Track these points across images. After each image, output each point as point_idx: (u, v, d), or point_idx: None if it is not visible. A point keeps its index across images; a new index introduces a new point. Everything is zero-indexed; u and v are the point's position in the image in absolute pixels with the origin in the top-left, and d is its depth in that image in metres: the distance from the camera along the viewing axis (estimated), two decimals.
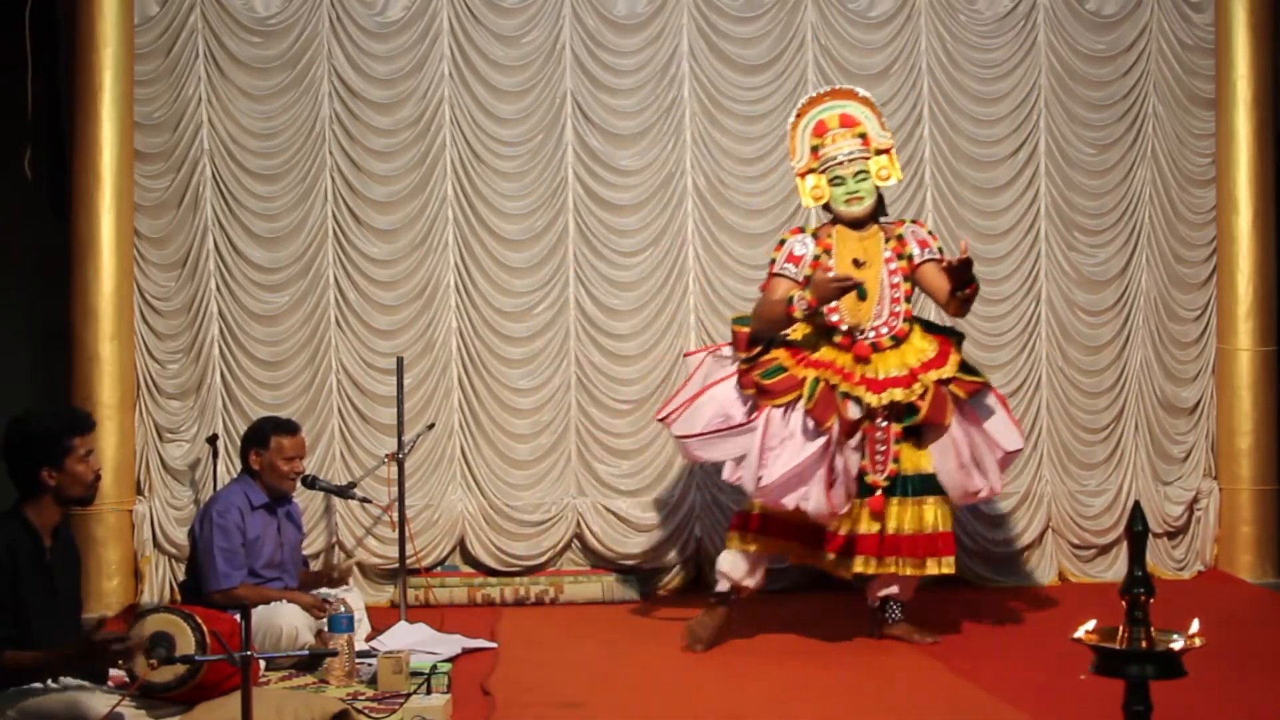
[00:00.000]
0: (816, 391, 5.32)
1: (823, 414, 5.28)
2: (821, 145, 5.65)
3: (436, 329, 6.70)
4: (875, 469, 5.42)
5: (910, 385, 5.42)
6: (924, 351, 5.52)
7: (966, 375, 5.54)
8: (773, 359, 5.47)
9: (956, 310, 5.60)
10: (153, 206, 6.59)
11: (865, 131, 5.66)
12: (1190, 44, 6.96)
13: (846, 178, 5.59)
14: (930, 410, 5.39)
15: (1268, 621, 6.14)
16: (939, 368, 5.47)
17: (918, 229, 5.73)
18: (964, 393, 5.45)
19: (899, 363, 5.48)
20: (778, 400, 5.36)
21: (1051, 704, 4.63)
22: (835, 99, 5.76)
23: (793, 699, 4.82)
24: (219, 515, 5.28)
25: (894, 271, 5.60)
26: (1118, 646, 2.88)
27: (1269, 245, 6.97)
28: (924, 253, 5.64)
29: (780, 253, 5.66)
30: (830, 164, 5.62)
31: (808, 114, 5.73)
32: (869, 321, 5.52)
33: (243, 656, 3.34)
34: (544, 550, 6.69)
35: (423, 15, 6.67)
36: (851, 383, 5.39)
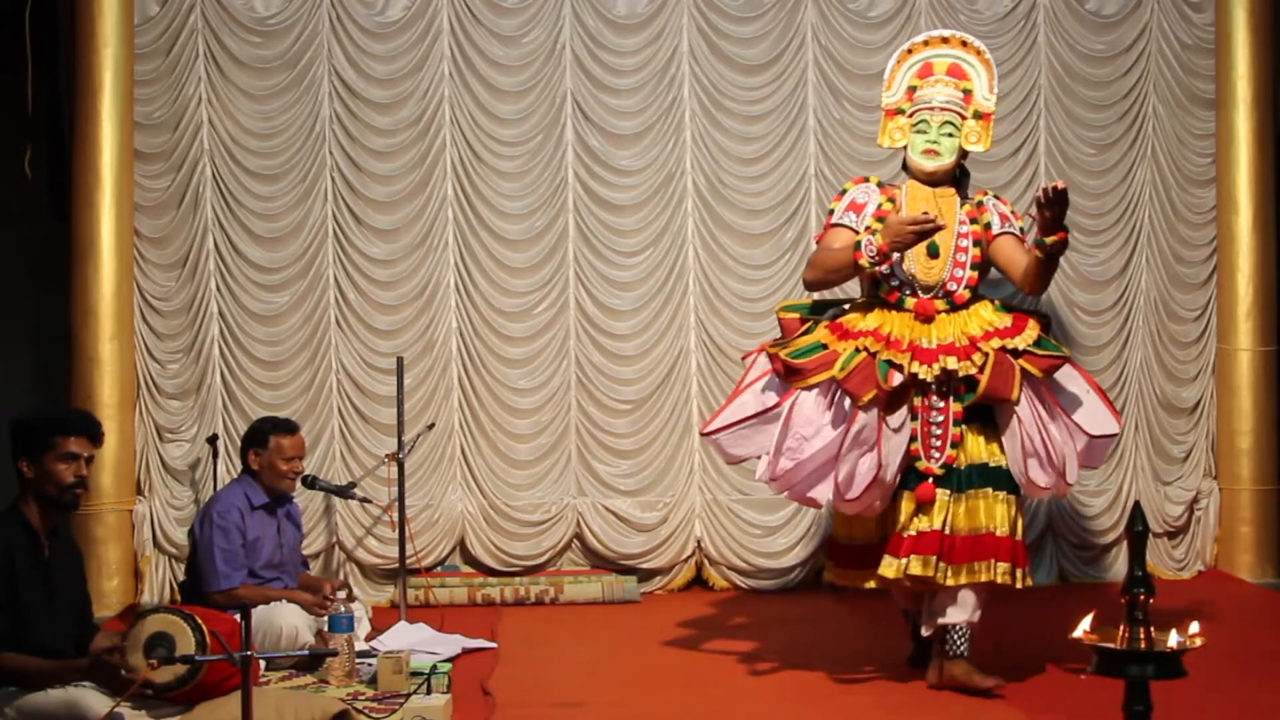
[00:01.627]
0: (853, 362, 4.66)
1: (859, 387, 4.60)
2: (920, 87, 5.05)
3: (436, 329, 6.70)
4: (929, 454, 4.71)
5: (969, 355, 4.70)
6: (991, 322, 4.81)
7: (1043, 350, 4.78)
8: (811, 338, 4.83)
9: (1036, 281, 4.82)
10: (153, 206, 6.59)
11: (971, 88, 5.05)
12: (1190, 44, 6.96)
13: (931, 126, 4.96)
14: (992, 381, 4.64)
15: (1268, 621, 6.14)
16: (1007, 337, 4.74)
17: (999, 203, 5.09)
18: (1037, 369, 4.71)
19: (957, 330, 4.78)
20: (809, 380, 4.68)
21: (1051, 704, 4.62)
22: (951, 47, 5.14)
23: (792, 699, 4.82)
24: (219, 516, 5.28)
25: (964, 235, 4.92)
26: (1118, 646, 2.89)
27: (1269, 245, 6.97)
28: (1004, 225, 4.98)
29: (840, 202, 5.05)
30: (921, 107, 5.00)
31: (919, 52, 5.14)
32: (941, 279, 4.86)
33: (243, 656, 3.34)
34: (544, 550, 6.69)
35: (423, 15, 6.67)
36: (897, 350, 4.70)
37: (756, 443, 4.80)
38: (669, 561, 6.72)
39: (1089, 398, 4.86)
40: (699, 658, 5.43)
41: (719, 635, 5.82)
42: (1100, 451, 4.99)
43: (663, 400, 6.72)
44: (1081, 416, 4.80)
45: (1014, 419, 4.71)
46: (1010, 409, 4.71)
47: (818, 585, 6.54)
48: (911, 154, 5.00)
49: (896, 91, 5.12)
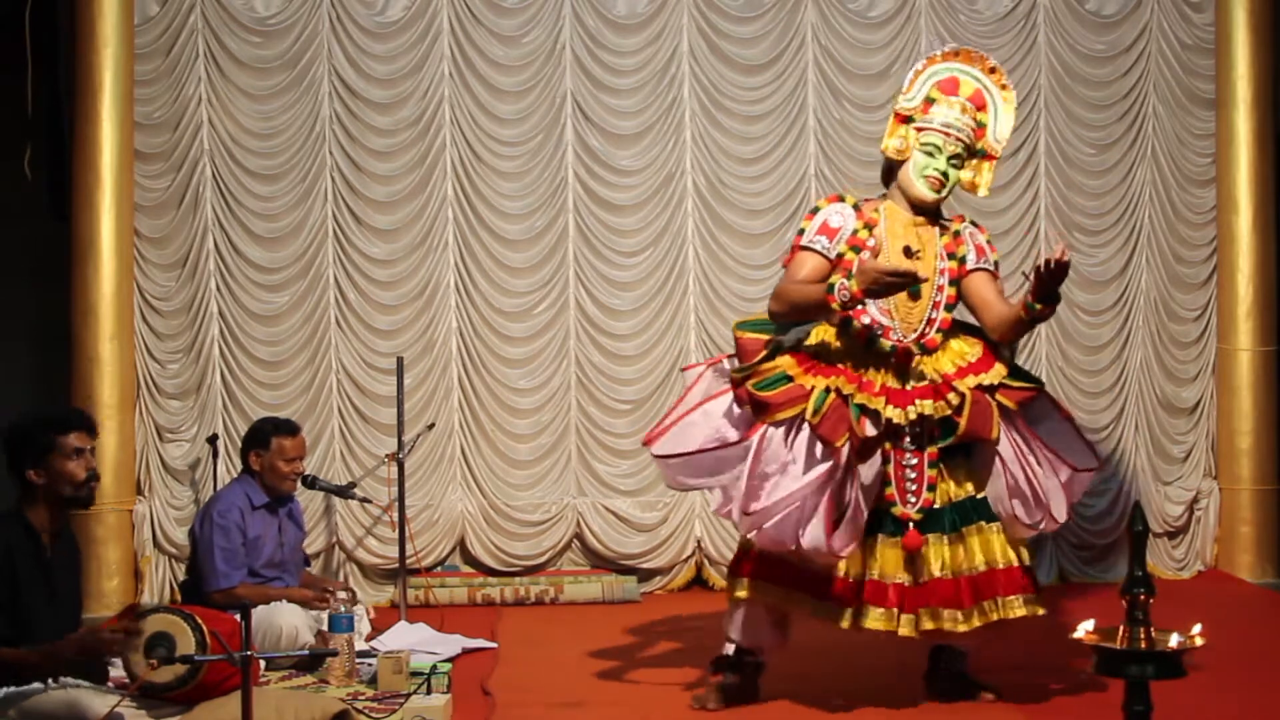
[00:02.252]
0: (825, 404, 4.39)
1: (832, 430, 4.35)
2: (938, 102, 4.68)
3: (436, 329, 6.70)
4: (904, 499, 4.48)
5: (944, 395, 4.48)
6: (963, 355, 4.59)
7: (1016, 382, 4.57)
8: (775, 367, 4.53)
9: (1011, 335, 4.59)
10: (153, 206, 6.59)
11: (986, 123, 4.73)
12: (1190, 44, 6.95)
13: (941, 153, 4.62)
14: (971, 421, 4.43)
15: (1268, 621, 6.14)
16: (980, 373, 4.53)
17: (977, 233, 4.79)
18: (1012, 402, 4.51)
19: (931, 369, 4.55)
20: (778, 416, 4.41)
21: (1051, 704, 4.62)
22: (980, 69, 4.75)
23: (791, 699, 4.81)
24: (219, 515, 5.29)
25: (942, 271, 4.65)
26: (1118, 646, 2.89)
27: (1269, 245, 6.97)
28: (979, 260, 4.69)
29: (811, 222, 4.68)
30: (935, 128, 4.64)
31: (948, 62, 4.75)
32: (919, 325, 4.59)
33: (243, 656, 3.34)
34: (544, 550, 6.69)
35: (423, 15, 6.67)
36: (870, 393, 4.45)
37: (710, 475, 4.53)
38: (669, 561, 6.72)
39: (1069, 430, 4.68)
40: (699, 658, 5.42)
41: (719, 635, 5.80)
42: (1082, 486, 4.73)
43: (663, 400, 6.71)
44: (1063, 450, 4.60)
45: (996, 459, 4.52)
46: (991, 448, 4.52)
47: None
48: (911, 174, 4.66)
49: (915, 97, 4.71)
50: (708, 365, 4.87)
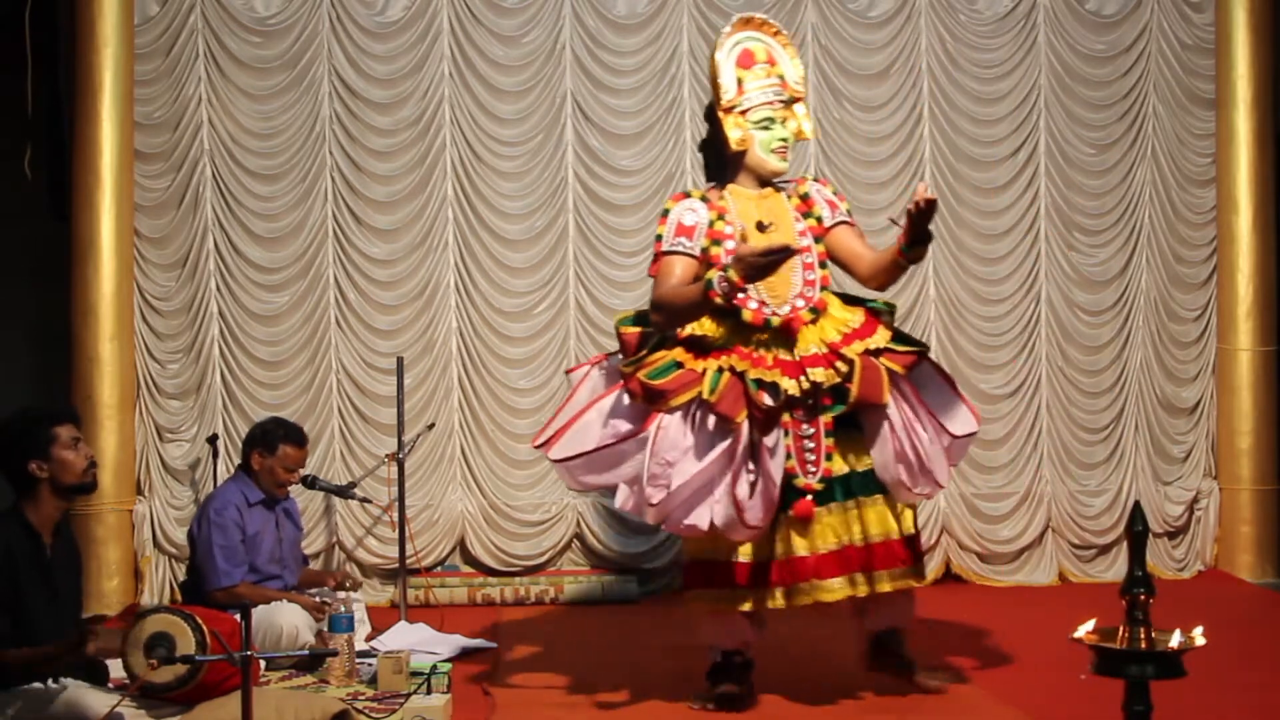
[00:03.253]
0: (721, 383, 4.36)
1: (731, 407, 4.32)
2: (746, 79, 4.66)
3: (436, 329, 6.70)
4: (805, 469, 4.46)
5: (833, 364, 4.47)
6: (845, 322, 4.59)
7: (900, 346, 4.58)
8: (664, 356, 4.50)
9: (888, 280, 4.65)
10: (153, 206, 6.59)
11: (782, 74, 4.71)
12: (1190, 44, 6.96)
13: (776, 122, 4.64)
14: (863, 387, 4.42)
15: (1268, 621, 6.14)
16: (865, 338, 4.54)
17: (822, 188, 4.82)
18: (900, 366, 4.51)
19: (817, 340, 4.53)
20: (674, 402, 4.37)
21: (1051, 704, 4.62)
22: (757, 29, 4.76)
23: (791, 699, 4.81)
24: (216, 514, 5.28)
25: (803, 233, 4.65)
26: (1118, 646, 2.89)
27: (1269, 245, 6.97)
28: (834, 215, 4.73)
29: (666, 226, 4.65)
30: (760, 103, 4.66)
31: (727, 41, 4.72)
32: (790, 297, 4.58)
33: (243, 656, 3.34)
34: (544, 550, 6.69)
35: (423, 15, 6.67)
36: (764, 367, 4.44)
37: (614, 471, 4.45)
38: (669, 562, 6.72)
39: (950, 395, 4.67)
40: (699, 658, 5.42)
41: None
42: (962, 451, 4.77)
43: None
44: (945, 416, 4.60)
45: (884, 424, 4.50)
46: (881, 414, 4.50)
47: None
48: (759, 152, 4.65)
49: (729, 88, 4.67)
50: (592, 365, 4.89)
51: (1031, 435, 6.89)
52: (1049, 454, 6.90)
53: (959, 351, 6.86)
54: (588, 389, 4.75)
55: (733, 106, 4.66)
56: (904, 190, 6.81)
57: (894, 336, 4.62)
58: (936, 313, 6.85)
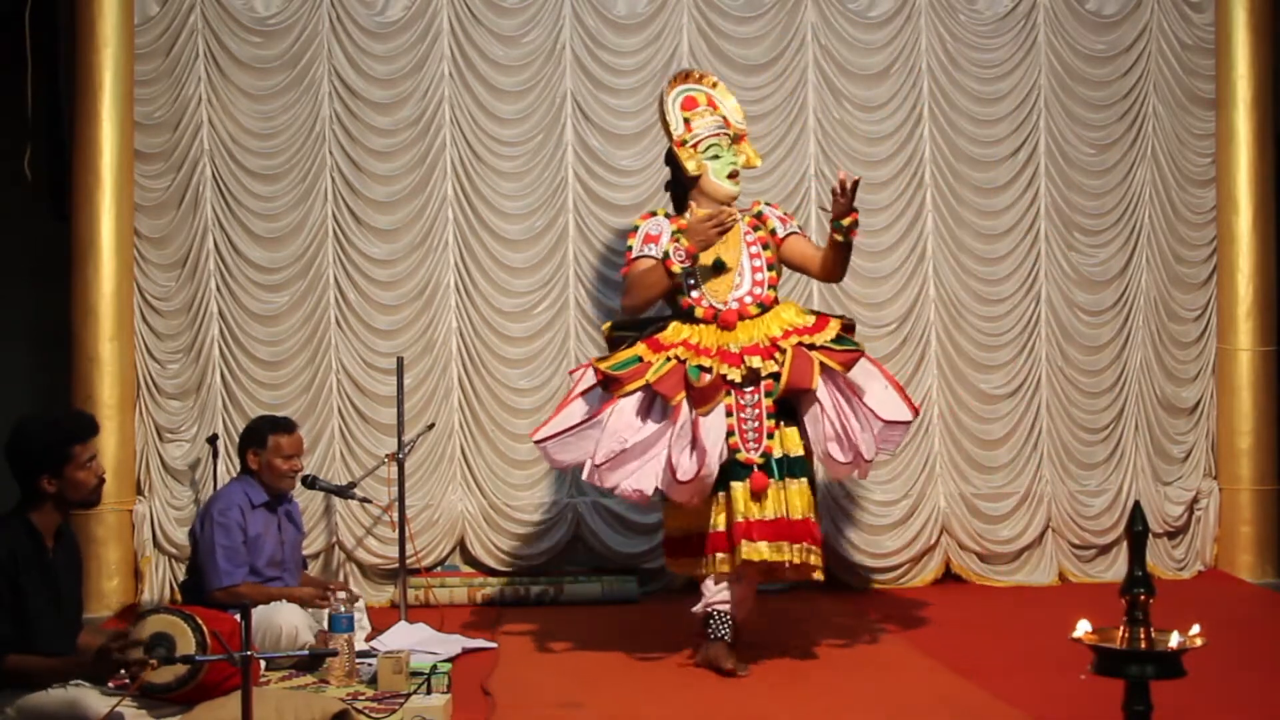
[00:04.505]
0: (664, 369, 5.08)
1: (670, 390, 5.01)
2: (693, 118, 5.46)
3: (436, 329, 6.70)
4: (746, 445, 5.10)
5: (772, 355, 5.14)
6: (792, 322, 5.26)
7: (841, 346, 5.20)
8: (630, 352, 5.22)
9: (836, 266, 5.31)
10: (153, 206, 6.59)
11: (724, 114, 5.51)
12: (1190, 44, 6.96)
13: (724, 152, 5.41)
14: (792, 375, 5.06)
15: (1268, 621, 6.14)
16: (806, 334, 5.20)
17: (773, 210, 5.57)
18: (836, 362, 5.13)
19: (761, 333, 5.22)
20: (627, 388, 5.08)
21: (1051, 704, 4.63)
22: (694, 81, 5.61)
23: (792, 698, 4.82)
24: (219, 514, 5.29)
25: (752, 243, 5.39)
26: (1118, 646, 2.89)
27: (1269, 245, 6.97)
28: (786, 227, 5.48)
29: (635, 239, 5.43)
30: (709, 135, 5.42)
31: (674, 89, 5.55)
32: (730, 294, 5.29)
33: (243, 656, 3.34)
34: (544, 550, 6.69)
35: (423, 15, 6.67)
36: (706, 355, 5.13)
37: (581, 449, 5.16)
38: None
39: (883, 388, 5.26)
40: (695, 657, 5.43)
41: None
42: (897, 436, 5.30)
43: None
44: (875, 404, 5.17)
45: (815, 406, 5.12)
46: (812, 398, 5.12)
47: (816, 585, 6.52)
48: (714, 179, 5.38)
49: (678, 126, 5.48)
50: (589, 366, 5.44)
51: (1031, 435, 6.88)
52: (1049, 454, 6.90)
53: (959, 351, 6.86)
54: (582, 386, 5.34)
55: (684, 141, 5.44)
56: (905, 190, 6.81)
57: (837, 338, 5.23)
58: (936, 313, 6.85)
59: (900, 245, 6.81)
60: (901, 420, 5.23)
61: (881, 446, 5.24)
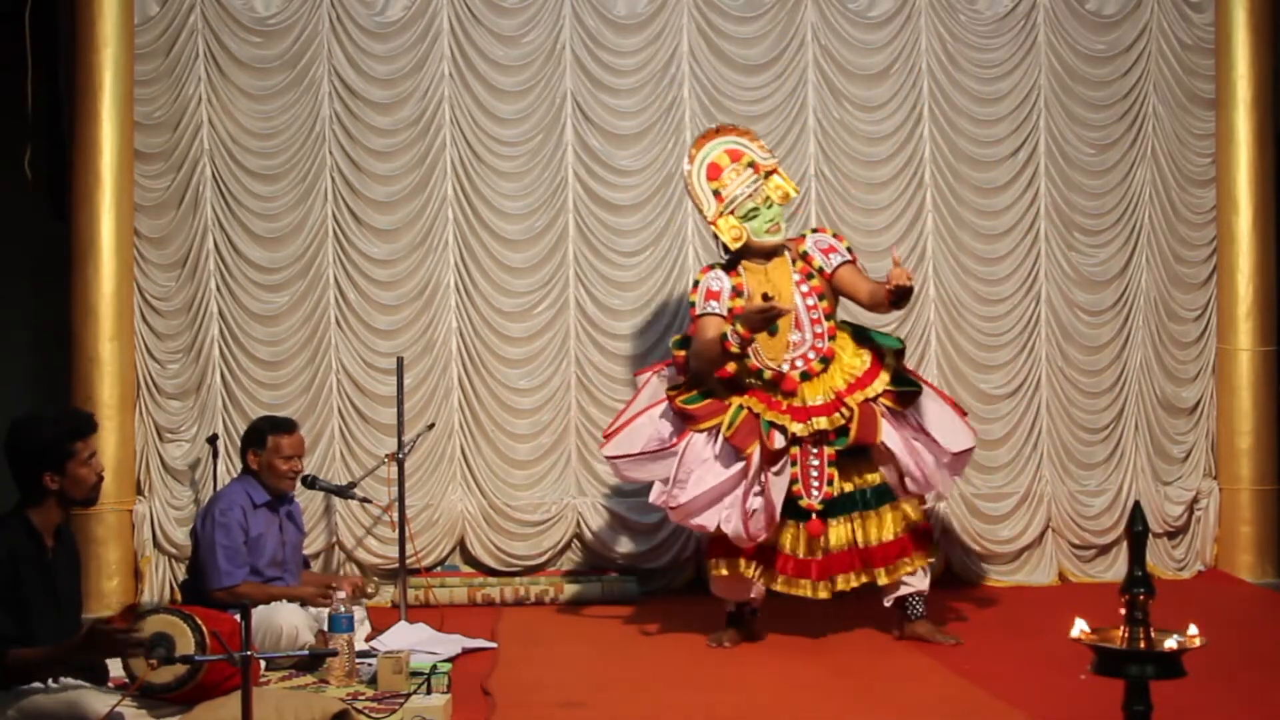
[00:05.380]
0: (738, 419, 5.34)
1: (743, 441, 5.31)
2: (721, 186, 5.65)
3: (436, 329, 6.70)
4: (809, 492, 5.41)
5: (836, 410, 5.41)
6: (852, 370, 5.51)
7: (898, 386, 5.49)
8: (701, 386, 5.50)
9: (884, 312, 5.69)
10: (153, 206, 6.59)
11: (752, 160, 5.68)
12: (1190, 44, 6.96)
13: (760, 208, 5.59)
14: (860, 431, 5.38)
15: (1268, 621, 6.14)
16: (864, 388, 5.46)
17: (821, 237, 5.73)
18: (896, 404, 5.45)
19: (825, 389, 5.47)
20: (701, 425, 5.39)
21: (1051, 704, 4.62)
22: (711, 139, 5.76)
23: (793, 699, 4.82)
24: (221, 514, 5.29)
25: (807, 294, 5.59)
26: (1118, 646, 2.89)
27: (1269, 245, 6.97)
28: (832, 260, 5.63)
29: (698, 294, 5.63)
30: (739, 200, 5.60)
31: (695, 160, 5.72)
32: (785, 354, 5.51)
33: (243, 656, 3.34)
34: (544, 550, 6.69)
35: (423, 15, 6.67)
36: (777, 411, 5.39)
37: (651, 471, 5.50)
38: (669, 562, 6.72)
39: (948, 416, 5.56)
40: (699, 658, 5.43)
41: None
42: (962, 464, 5.63)
43: None
44: (943, 435, 5.47)
45: (887, 452, 5.44)
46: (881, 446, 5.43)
47: None
48: (756, 238, 5.57)
49: (710, 203, 5.67)
50: (653, 371, 5.80)
51: (1031, 435, 6.88)
52: (1049, 454, 6.90)
53: (959, 351, 6.86)
54: (647, 394, 5.69)
55: (719, 215, 5.64)
56: (905, 190, 6.81)
57: (895, 378, 5.49)
58: (936, 313, 6.85)
59: (900, 245, 6.80)
60: (966, 449, 5.55)
61: (953, 475, 5.61)
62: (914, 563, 5.52)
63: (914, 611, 5.61)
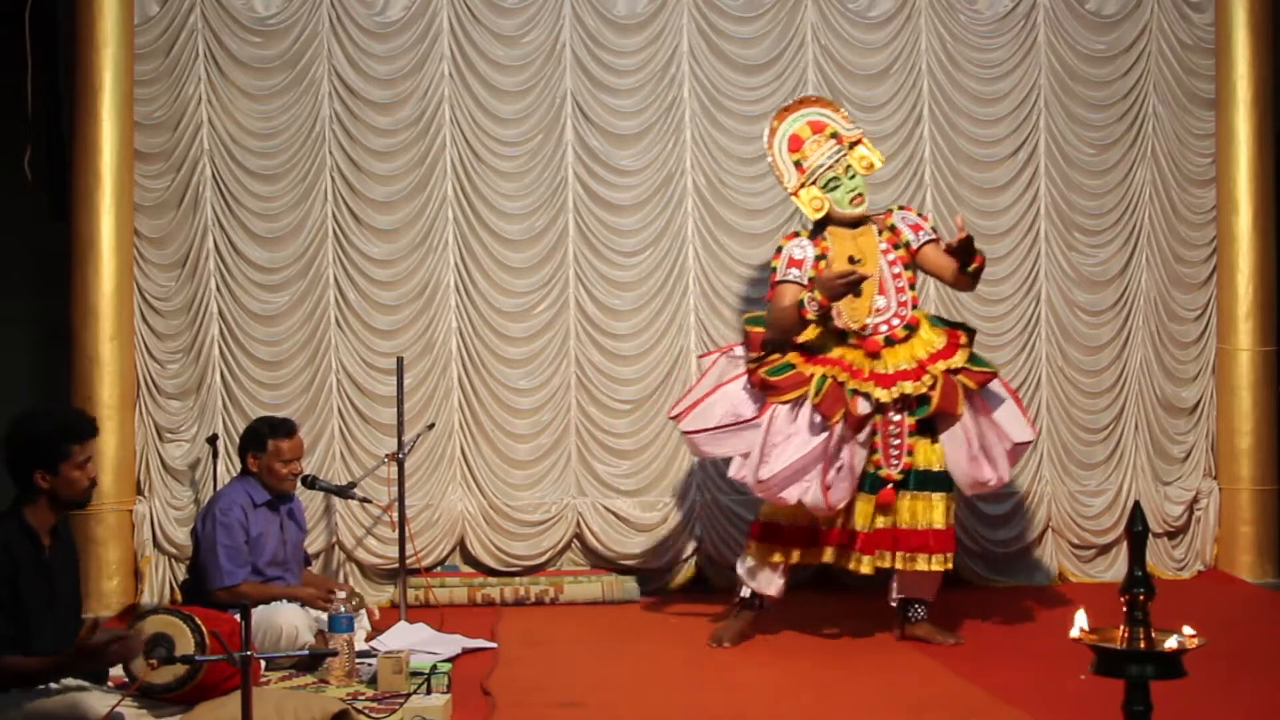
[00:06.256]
0: (824, 387, 5.34)
1: (829, 409, 5.30)
2: (803, 158, 5.72)
3: (436, 329, 6.70)
4: (889, 462, 5.43)
5: (919, 377, 5.43)
6: (932, 343, 5.55)
7: (976, 366, 5.55)
8: (780, 358, 5.50)
9: (966, 285, 5.69)
10: (153, 206, 6.59)
11: (835, 131, 5.74)
12: (1190, 44, 6.96)
13: (842, 178, 5.65)
14: (941, 400, 5.40)
15: (1268, 621, 6.14)
16: (947, 358, 5.49)
17: (907, 214, 5.79)
18: (974, 383, 5.48)
19: (908, 356, 5.50)
20: (784, 396, 5.39)
21: (1051, 704, 4.63)
22: (794, 111, 5.83)
23: (793, 699, 4.82)
24: (221, 513, 5.29)
25: (893, 262, 5.64)
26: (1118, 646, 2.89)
27: (1269, 245, 6.97)
28: (919, 236, 5.69)
29: (780, 260, 5.67)
30: (820, 171, 5.67)
31: (777, 133, 5.79)
32: (870, 318, 5.55)
33: (243, 656, 3.34)
34: (544, 550, 6.69)
35: (423, 15, 6.67)
36: (860, 379, 5.40)
37: (731, 445, 5.50)
38: (669, 561, 6.72)
39: (1011, 407, 5.64)
40: (699, 658, 5.43)
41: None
42: (1018, 456, 5.73)
43: (663, 400, 6.72)
44: (1006, 424, 5.55)
45: (957, 427, 5.46)
46: (953, 420, 5.46)
47: (817, 585, 6.54)
48: (839, 209, 5.65)
49: (790, 175, 5.76)
50: (721, 353, 5.83)
51: None
52: (1049, 454, 6.90)
53: None
54: (715, 374, 5.71)
55: (800, 186, 5.71)
56: (905, 190, 6.81)
57: (970, 358, 5.54)
58: (937, 313, 6.84)
59: None
60: (1026, 441, 5.63)
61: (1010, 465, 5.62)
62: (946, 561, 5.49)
63: (915, 614, 5.64)
